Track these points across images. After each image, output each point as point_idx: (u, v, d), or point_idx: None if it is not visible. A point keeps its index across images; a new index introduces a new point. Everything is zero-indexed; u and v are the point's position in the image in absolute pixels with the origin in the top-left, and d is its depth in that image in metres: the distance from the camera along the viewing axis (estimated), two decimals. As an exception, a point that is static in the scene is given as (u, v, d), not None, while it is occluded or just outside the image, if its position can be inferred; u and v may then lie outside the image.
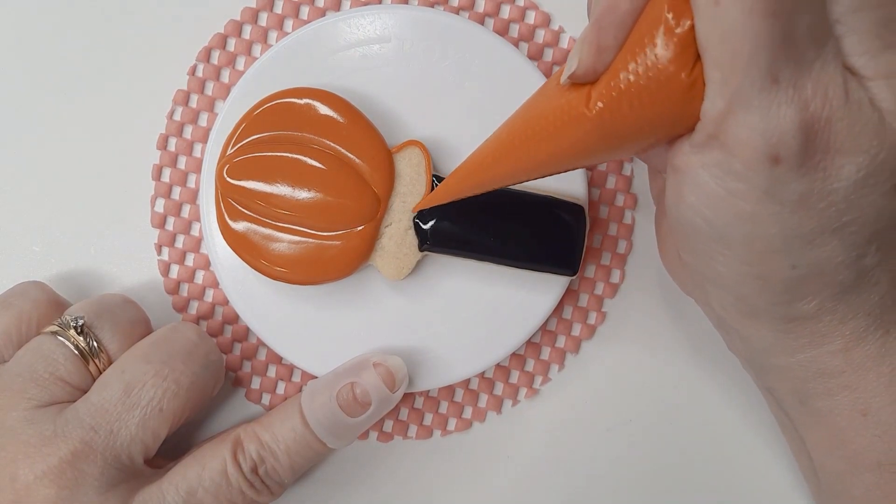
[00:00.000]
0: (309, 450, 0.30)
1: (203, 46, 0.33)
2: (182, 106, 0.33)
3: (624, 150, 0.23)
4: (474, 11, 0.33)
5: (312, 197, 0.29)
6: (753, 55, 0.19)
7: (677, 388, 0.34)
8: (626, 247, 0.33)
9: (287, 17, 0.33)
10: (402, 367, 0.30)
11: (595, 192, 0.33)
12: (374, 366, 0.30)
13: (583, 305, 0.33)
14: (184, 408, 0.29)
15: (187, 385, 0.28)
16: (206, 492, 0.28)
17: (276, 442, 0.29)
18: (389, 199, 0.30)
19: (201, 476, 0.28)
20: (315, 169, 0.29)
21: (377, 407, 0.30)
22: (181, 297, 0.33)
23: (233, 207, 0.29)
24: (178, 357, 0.29)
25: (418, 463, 0.34)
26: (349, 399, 0.29)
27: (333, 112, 0.29)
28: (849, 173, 0.21)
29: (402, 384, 0.30)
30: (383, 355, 0.30)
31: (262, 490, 0.29)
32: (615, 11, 0.21)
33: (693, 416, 0.34)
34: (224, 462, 0.29)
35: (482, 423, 0.34)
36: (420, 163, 0.30)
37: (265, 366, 0.33)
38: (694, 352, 0.34)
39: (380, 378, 0.30)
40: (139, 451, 0.28)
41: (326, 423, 0.29)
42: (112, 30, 0.33)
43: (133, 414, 0.28)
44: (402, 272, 0.30)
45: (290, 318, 0.31)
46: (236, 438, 0.29)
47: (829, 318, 0.24)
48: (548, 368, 0.34)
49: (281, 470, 0.29)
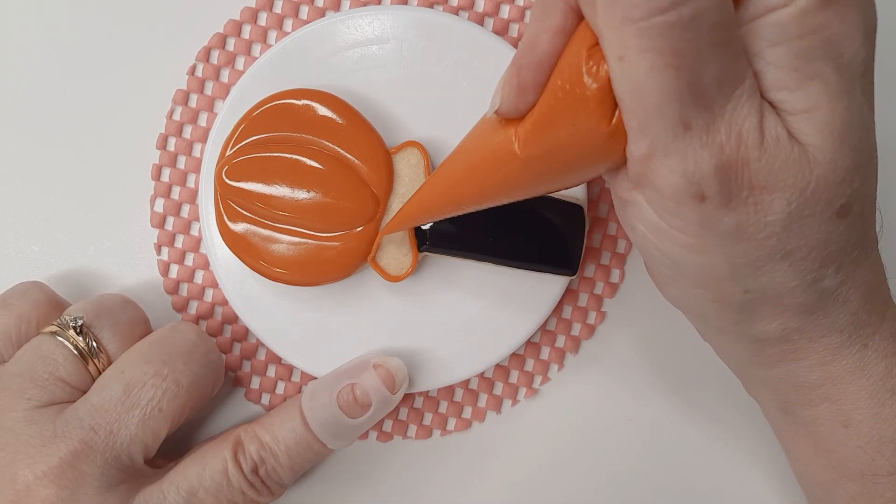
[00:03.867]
0: (309, 450, 0.30)
1: (203, 46, 0.33)
2: (182, 106, 0.33)
3: (564, 183, 0.23)
4: (473, 11, 0.33)
5: (311, 198, 0.29)
6: (662, 107, 0.19)
7: (677, 387, 0.34)
8: (625, 246, 0.33)
9: (287, 17, 0.33)
10: (403, 368, 0.30)
11: (595, 191, 0.33)
12: (375, 367, 0.30)
13: (582, 305, 0.33)
14: (183, 407, 0.29)
15: (187, 385, 0.28)
16: (207, 491, 0.28)
17: (277, 443, 0.29)
18: (388, 200, 0.30)
19: (202, 476, 0.28)
20: (314, 170, 0.29)
21: (377, 408, 0.30)
22: (180, 297, 0.33)
23: (232, 209, 0.29)
24: (178, 357, 0.29)
25: (418, 463, 0.34)
26: (349, 400, 0.29)
27: (332, 113, 0.29)
28: (780, 207, 0.21)
29: (403, 385, 0.30)
30: (384, 357, 0.30)
31: (262, 490, 0.29)
32: (534, 52, 0.21)
33: (693, 416, 0.34)
34: (225, 462, 0.29)
35: (482, 423, 0.34)
36: (419, 163, 0.30)
37: (265, 366, 0.33)
38: (693, 352, 0.34)
39: (380, 379, 0.30)
40: (139, 451, 0.28)
41: (327, 424, 0.29)
42: (111, 29, 0.33)
43: (133, 414, 0.28)
44: (402, 273, 0.30)
45: (290, 319, 0.31)
46: (237, 439, 0.29)
47: (797, 336, 0.24)
48: (547, 368, 0.34)
49: (281, 470, 0.29)
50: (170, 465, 0.29)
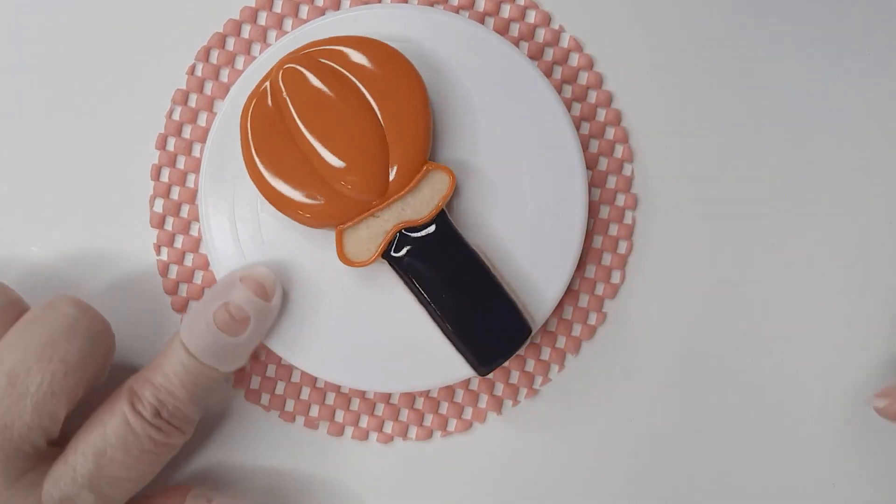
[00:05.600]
0: (204, 379, 0.29)
1: (202, 45, 0.33)
2: (181, 105, 0.33)
3: None
4: (474, 11, 0.32)
5: (347, 140, 0.29)
6: None
7: (677, 388, 0.34)
8: (626, 247, 0.33)
9: (286, 17, 0.32)
10: (270, 274, 0.30)
11: (595, 192, 0.33)
12: (242, 280, 0.29)
13: (583, 306, 0.33)
14: (77, 384, 0.28)
15: (75, 362, 0.27)
16: (115, 448, 0.28)
17: (170, 381, 0.29)
18: (394, 202, 0.30)
19: (105, 435, 0.28)
20: (368, 124, 0.29)
21: (257, 320, 0.29)
22: (180, 298, 0.33)
23: (265, 95, 0.29)
24: (60, 335, 0.28)
25: (419, 464, 0.34)
26: (226, 319, 0.29)
27: (404, 96, 0.29)
28: None
29: (276, 292, 0.30)
30: (248, 268, 0.30)
31: (170, 431, 0.29)
32: None
33: (693, 416, 0.34)
34: (124, 414, 0.28)
35: (482, 424, 0.34)
36: (441, 191, 0.30)
37: (264, 366, 0.33)
38: (694, 352, 0.34)
39: (250, 291, 0.29)
40: (40, 437, 0.27)
41: (211, 349, 0.29)
42: (110, 29, 0.33)
43: (24, 403, 0.27)
44: (356, 262, 0.30)
45: (289, 319, 0.31)
46: (129, 389, 0.29)
47: None
48: (548, 369, 0.34)
49: (183, 406, 0.29)
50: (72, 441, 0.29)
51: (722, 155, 0.33)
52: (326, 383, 0.33)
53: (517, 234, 0.31)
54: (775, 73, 0.33)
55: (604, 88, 0.33)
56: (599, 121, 0.33)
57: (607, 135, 0.33)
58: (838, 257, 0.34)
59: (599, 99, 0.33)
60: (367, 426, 0.34)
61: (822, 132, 0.34)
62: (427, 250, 0.30)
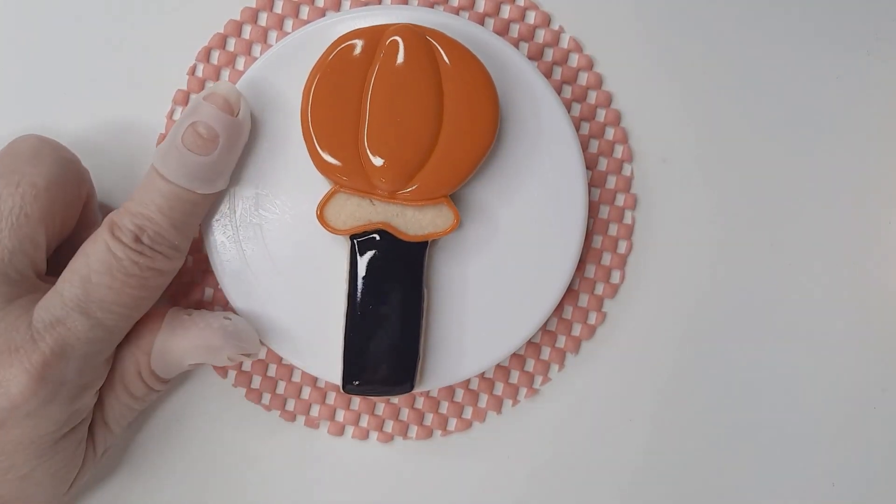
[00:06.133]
0: (182, 202, 0.29)
1: (203, 46, 0.33)
2: (182, 106, 0.33)
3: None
4: (474, 11, 0.33)
5: (399, 127, 0.29)
6: None
7: (677, 388, 0.34)
8: (626, 247, 0.33)
9: (287, 17, 0.33)
10: (232, 88, 0.30)
11: (595, 192, 0.33)
12: (206, 98, 0.29)
13: (583, 306, 0.33)
14: (52, 208, 0.28)
15: (45, 185, 0.28)
16: (99, 273, 0.28)
17: (147, 207, 0.29)
18: (395, 202, 0.30)
19: (89, 263, 0.28)
20: (427, 124, 0.29)
21: (227, 135, 0.29)
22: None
23: (352, 53, 0.29)
24: (26, 162, 0.28)
25: (419, 463, 0.34)
26: (195, 138, 0.29)
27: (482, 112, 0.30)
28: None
29: (242, 107, 0.30)
30: (210, 87, 0.30)
31: (152, 255, 0.29)
32: None
33: (693, 417, 0.34)
34: (105, 243, 0.28)
35: (482, 423, 0.34)
36: (438, 227, 0.30)
37: (265, 365, 0.33)
38: (693, 352, 0.34)
39: (215, 107, 0.29)
40: (25, 263, 0.28)
41: (186, 170, 0.29)
42: (111, 29, 0.33)
43: (0, 227, 0.27)
44: (328, 225, 0.30)
45: (290, 318, 0.31)
46: (109, 220, 0.29)
47: None
48: (548, 368, 0.34)
49: (163, 231, 0.29)
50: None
51: (722, 155, 0.33)
52: (327, 383, 0.33)
53: (517, 234, 0.31)
54: (775, 74, 0.33)
55: (604, 89, 0.33)
56: (599, 121, 0.33)
57: (607, 135, 0.33)
58: (838, 257, 0.34)
59: (599, 99, 0.33)
60: (367, 425, 0.34)
61: (822, 132, 0.34)
62: (388, 259, 0.30)
